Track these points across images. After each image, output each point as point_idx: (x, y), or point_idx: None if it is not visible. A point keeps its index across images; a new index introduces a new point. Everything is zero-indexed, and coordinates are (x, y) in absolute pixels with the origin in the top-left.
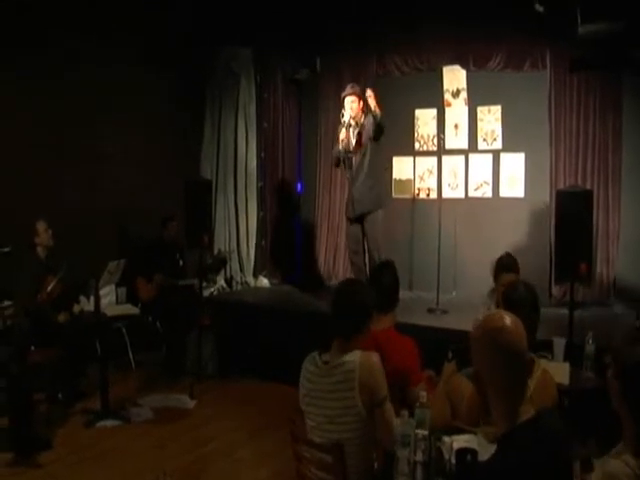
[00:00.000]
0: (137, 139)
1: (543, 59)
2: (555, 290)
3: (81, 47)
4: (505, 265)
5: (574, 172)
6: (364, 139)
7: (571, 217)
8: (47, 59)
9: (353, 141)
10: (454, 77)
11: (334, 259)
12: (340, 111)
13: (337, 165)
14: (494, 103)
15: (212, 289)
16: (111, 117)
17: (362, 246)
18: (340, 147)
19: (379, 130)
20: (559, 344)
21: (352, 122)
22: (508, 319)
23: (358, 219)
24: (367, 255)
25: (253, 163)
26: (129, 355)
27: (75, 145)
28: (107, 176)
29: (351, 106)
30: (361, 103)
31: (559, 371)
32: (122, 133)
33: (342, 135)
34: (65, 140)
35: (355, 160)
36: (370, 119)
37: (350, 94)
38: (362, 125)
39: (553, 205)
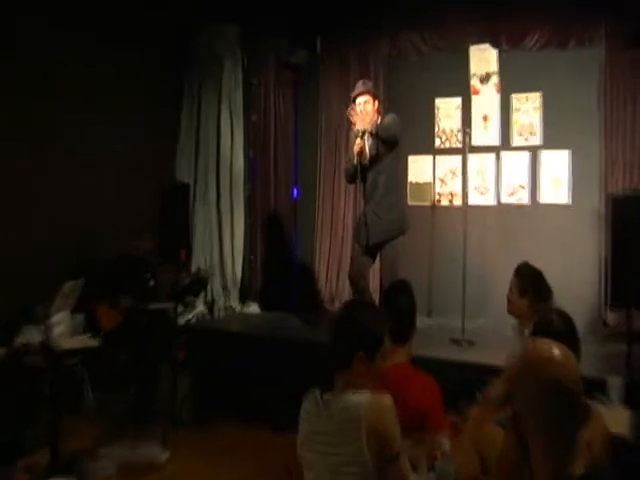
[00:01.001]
0: (100, 138)
1: (595, 34)
2: (610, 318)
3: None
4: (528, 278)
5: (631, 173)
6: (380, 147)
7: (629, 227)
8: None
9: (368, 152)
10: (483, 58)
11: (337, 278)
12: (342, 104)
13: (351, 181)
14: (532, 89)
15: (189, 315)
16: (67, 111)
17: (368, 273)
18: (355, 160)
19: (388, 141)
20: (615, 384)
21: (367, 127)
22: (557, 350)
23: (372, 248)
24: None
25: (239, 163)
26: (87, 397)
27: (24, 148)
28: (63, 182)
29: (364, 108)
30: (376, 103)
31: (615, 418)
32: (81, 130)
33: (357, 146)
34: (12, 143)
35: (370, 173)
36: (386, 122)
37: (362, 93)
38: (378, 130)
39: (606, 213)
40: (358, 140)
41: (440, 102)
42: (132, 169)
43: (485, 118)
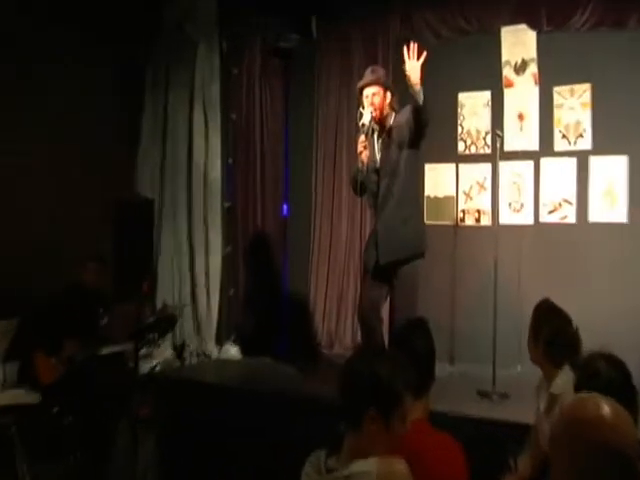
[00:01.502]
0: (40, 139)
1: None
2: None
3: None
4: (544, 319)
5: None
6: (394, 147)
7: None
8: None
9: (378, 154)
10: (518, 42)
11: (338, 315)
12: (349, 104)
13: (358, 192)
14: (580, 81)
15: (154, 362)
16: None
17: (381, 310)
18: (360, 165)
19: (420, 122)
20: None
21: (375, 126)
22: (606, 407)
23: (384, 271)
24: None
25: (216, 173)
26: (20, 467)
27: None
28: None
29: (372, 101)
30: (388, 96)
31: None
32: (13, 129)
33: (362, 146)
34: None
35: (382, 180)
36: (404, 116)
37: (370, 83)
38: (391, 128)
39: None
40: (362, 138)
41: (464, 97)
42: (81, 180)
43: (521, 117)
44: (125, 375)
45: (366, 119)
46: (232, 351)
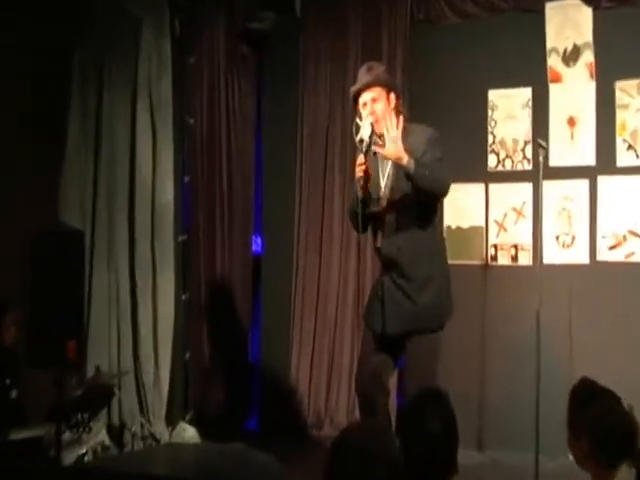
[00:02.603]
0: None
1: None
2: None
3: None
4: (583, 408)
5: None
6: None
7: None
8: None
9: (382, 179)
10: (568, 23)
11: (328, 387)
12: (345, 104)
13: (360, 228)
14: None
15: (83, 450)
16: None
17: (388, 380)
18: (359, 191)
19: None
20: None
21: (377, 140)
22: None
23: (391, 339)
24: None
25: (167, 196)
26: None
27: None
28: None
29: (373, 109)
30: (392, 98)
31: None
32: None
33: (361, 170)
34: None
35: (388, 215)
36: (420, 133)
37: (368, 86)
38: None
39: None
40: (361, 158)
41: (497, 96)
42: None
43: (571, 121)
44: (41, 467)
45: (365, 134)
46: (188, 433)
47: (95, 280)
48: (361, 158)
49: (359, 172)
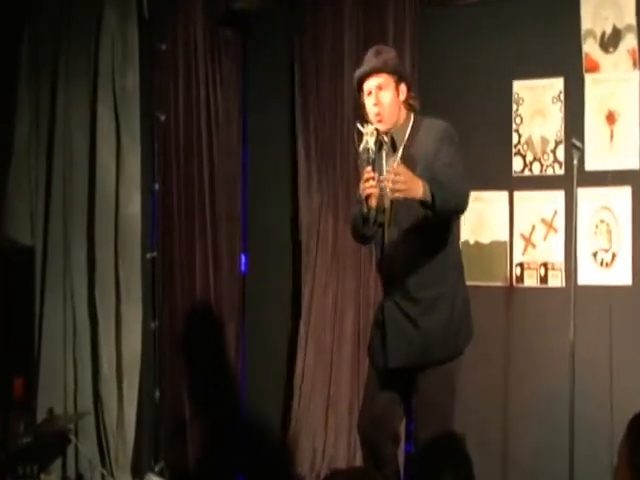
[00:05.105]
0: None
1: None
2: None
3: None
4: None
5: None
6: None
7: None
8: None
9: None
10: (607, 2)
11: (326, 430)
12: (333, 87)
13: (362, 240)
14: None
15: None
16: None
17: (397, 425)
18: (366, 211)
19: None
20: None
21: (385, 139)
22: None
23: (397, 374)
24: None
25: (134, 207)
26: None
27: None
28: None
29: (378, 98)
30: (402, 89)
31: None
32: None
33: (369, 187)
34: None
35: (393, 228)
36: (431, 133)
37: (374, 71)
38: (409, 144)
39: None
40: (367, 171)
41: (523, 87)
42: None
43: (611, 118)
44: None
45: (370, 143)
46: None
47: (47, 306)
48: (368, 171)
49: (369, 189)
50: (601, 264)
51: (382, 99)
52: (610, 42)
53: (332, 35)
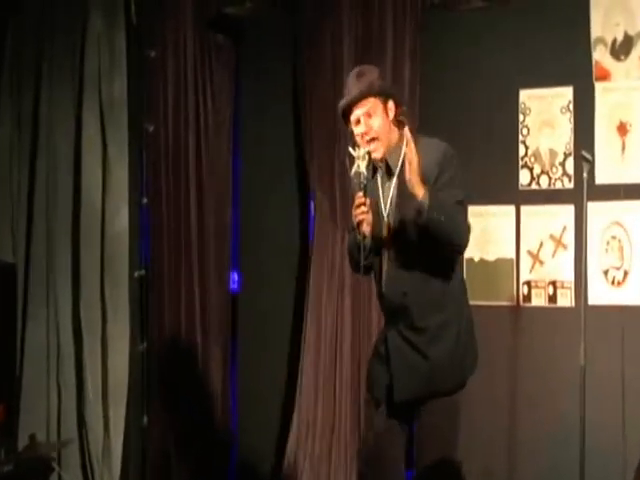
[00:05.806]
0: None
1: None
2: None
3: None
4: None
5: None
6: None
7: None
8: None
9: (385, 206)
10: (618, 7)
11: (329, 459)
12: (331, 99)
13: (359, 269)
14: None
15: None
16: None
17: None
18: (359, 235)
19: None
20: None
21: (379, 164)
22: None
23: (399, 406)
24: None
25: (121, 222)
26: None
27: None
28: None
29: (368, 126)
30: (389, 109)
31: None
32: None
33: (360, 213)
34: None
35: (393, 251)
36: (431, 151)
37: (359, 98)
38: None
39: None
40: (359, 196)
41: (530, 97)
42: None
43: (622, 128)
44: None
45: (362, 167)
46: None
47: (30, 327)
48: (360, 197)
49: (360, 215)
50: (612, 282)
51: (373, 126)
52: (621, 49)
53: (328, 45)
